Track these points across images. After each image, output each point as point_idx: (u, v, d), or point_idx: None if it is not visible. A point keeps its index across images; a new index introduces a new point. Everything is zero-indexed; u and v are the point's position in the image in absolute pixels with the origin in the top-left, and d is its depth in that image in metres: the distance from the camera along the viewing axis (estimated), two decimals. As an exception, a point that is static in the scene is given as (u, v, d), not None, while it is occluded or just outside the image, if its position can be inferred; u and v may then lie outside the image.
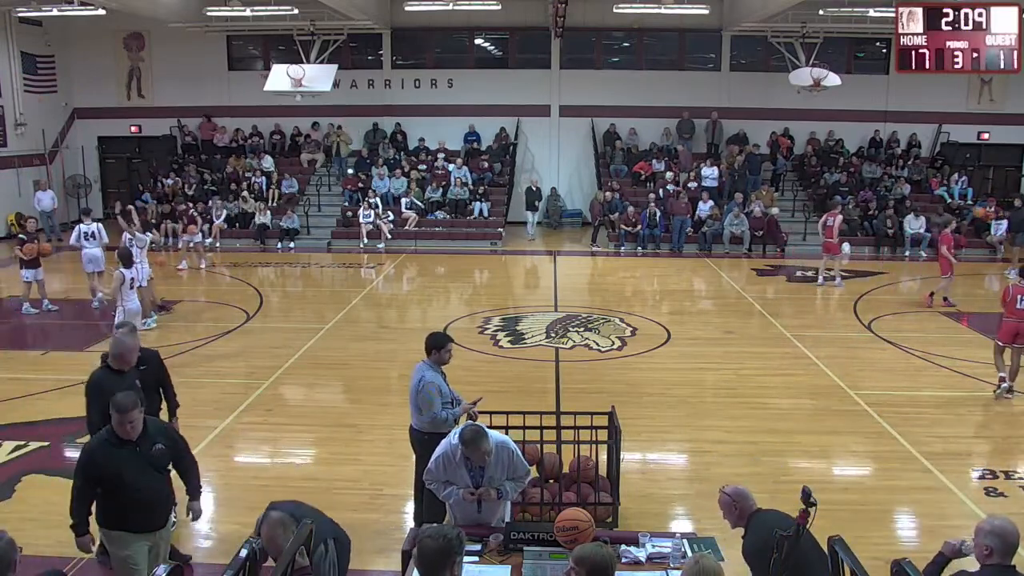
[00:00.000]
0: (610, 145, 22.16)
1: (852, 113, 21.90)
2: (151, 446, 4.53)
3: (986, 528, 3.61)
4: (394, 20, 22.06)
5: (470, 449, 4.57)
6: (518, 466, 4.80)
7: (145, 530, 4.57)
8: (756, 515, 4.18)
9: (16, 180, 20.59)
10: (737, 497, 4.22)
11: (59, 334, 11.92)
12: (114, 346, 5.48)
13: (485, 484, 4.69)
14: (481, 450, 4.56)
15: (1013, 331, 8.97)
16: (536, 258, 19.30)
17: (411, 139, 22.58)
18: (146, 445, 4.52)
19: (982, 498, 6.69)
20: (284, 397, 9.38)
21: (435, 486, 4.77)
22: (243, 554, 3.67)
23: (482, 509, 4.75)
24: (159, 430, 4.72)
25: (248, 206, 19.92)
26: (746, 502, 4.22)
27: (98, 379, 5.35)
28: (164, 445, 4.61)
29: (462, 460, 4.68)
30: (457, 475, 4.71)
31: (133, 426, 4.42)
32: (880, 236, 19.16)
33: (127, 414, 4.37)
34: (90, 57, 22.52)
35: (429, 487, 4.83)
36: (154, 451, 4.54)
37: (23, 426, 8.18)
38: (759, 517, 4.16)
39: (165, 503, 4.71)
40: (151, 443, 4.54)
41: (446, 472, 4.72)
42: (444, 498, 4.77)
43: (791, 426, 8.31)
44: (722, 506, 4.30)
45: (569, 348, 11.12)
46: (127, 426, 4.41)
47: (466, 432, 4.62)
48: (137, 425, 4.44)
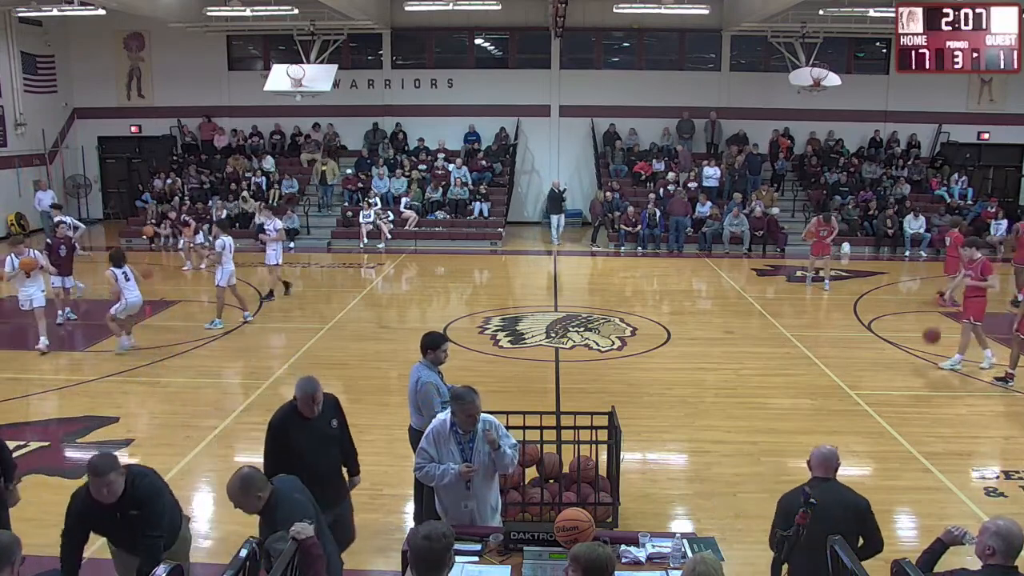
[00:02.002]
0: (610, 145, 22.17)
1: (852, 113, 21.91)
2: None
3: (991, 528, 3.62)
4: (394, 20, 22.06)
5: (461, 404, 4.55)
6: (504, 439, 4.74)
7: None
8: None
9: (16, 180, 20.60)
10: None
11: (59, 334, 11.90)
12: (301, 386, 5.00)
13: (476, 460, 4.61)
14: (473, 406, 4.55)
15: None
16: (536, 258, 19.30)
17: (411, 139, 22.58)
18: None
19: (982, 498, 6.69)
20: (284, 397, 9.32)
21: (428, 468, 4.65)
22: (243, 554, 3.67)
23: (471, 489, 4.66)
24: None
25: (248, 206, 19.92)
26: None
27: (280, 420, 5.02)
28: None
29: (452, 434, 4.65)
30: (447, 451, 4.65)
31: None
32: (880, 236, 19.16)
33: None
34: (90, 57, 22.55)
35: (420, 473, 4.72)
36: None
37: (23, 426, 8.17)
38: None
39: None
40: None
41: (436, 447, 4.67)
42: (437, 480, 4.64)
43: (791, 426, 8.31)
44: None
45: (569, 348, 11.12)
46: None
47: (458, 388, 4.68)
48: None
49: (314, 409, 4.91)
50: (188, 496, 6.61)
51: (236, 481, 4.09)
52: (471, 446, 4.66)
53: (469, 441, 4.66)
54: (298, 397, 4.91)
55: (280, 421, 4.95)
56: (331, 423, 5.05)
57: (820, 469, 4.51)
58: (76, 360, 10.58)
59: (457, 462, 4.63)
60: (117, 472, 4.15)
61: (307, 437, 4.89)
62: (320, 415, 4.95)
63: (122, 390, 9.27)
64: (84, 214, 23.02)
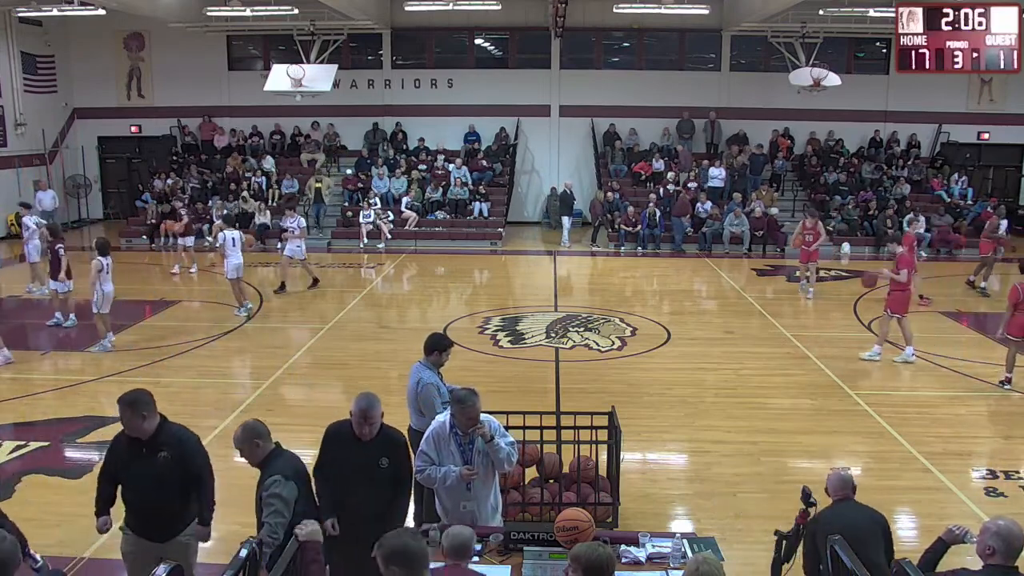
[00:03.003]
0: (610, 145, 22.16)
1: (852, 113, 21.91)
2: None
3: (992, 529, 3.63)
4: (394, 20, 22.06)
5: (462, 407, 4.52)
6: (502, 436, 4.72)
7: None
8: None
9: (16, 180, 20.58)
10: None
11: (59, 334, 11.90)
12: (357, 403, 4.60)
13: (476, 461, 4.60)
14: (474, 408, 4.52)
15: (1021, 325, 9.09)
16: (536, 258, 19.30)
17: (411, 139, 22.57)
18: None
19: (982, 498, 6.70)
20: (284, 397, 9.39)
21: (428, 471, 4.65)
22: (243, 554, 3.67)
23: (471, 490, 4.67)
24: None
25: (248, 206, 19.91)
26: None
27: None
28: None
29: (452, 436, 4.64)
30: (447, 453, 4.65)
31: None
32: (880, 236, 19.14)
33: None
34: (90, 57, 22.54)
35: (421, 476, 4.71)
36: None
37: (23, 426, 8.17)
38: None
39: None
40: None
41: (437, 449, 4.66)
42: (439, 483, 4.66)
43: (791, 426, 8.31)
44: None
45: (569, 348, 11.12)
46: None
47: (459, 391, 4.65)
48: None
49: (366, 430, 4.49)
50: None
51: (240, 426, 4.38)
52: (471, 448, 4.65)
53: (469, 443, 4.66)
54: (352, 413, 4.53)
55: (334, 430, 4.67)
56: (381, 460, 4.54)
57: (840, 491, 4.50)
58: (76, 360, 10.58)
59: (458, 464, 4.62)
60: (130, 408, 4.34)
61: (352, 460, 4.52)
62: (374, 443, 4.52)
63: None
64: (84, 214, 23.07)
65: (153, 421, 4.41)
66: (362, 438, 4.49)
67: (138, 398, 4.37)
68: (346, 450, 4.52)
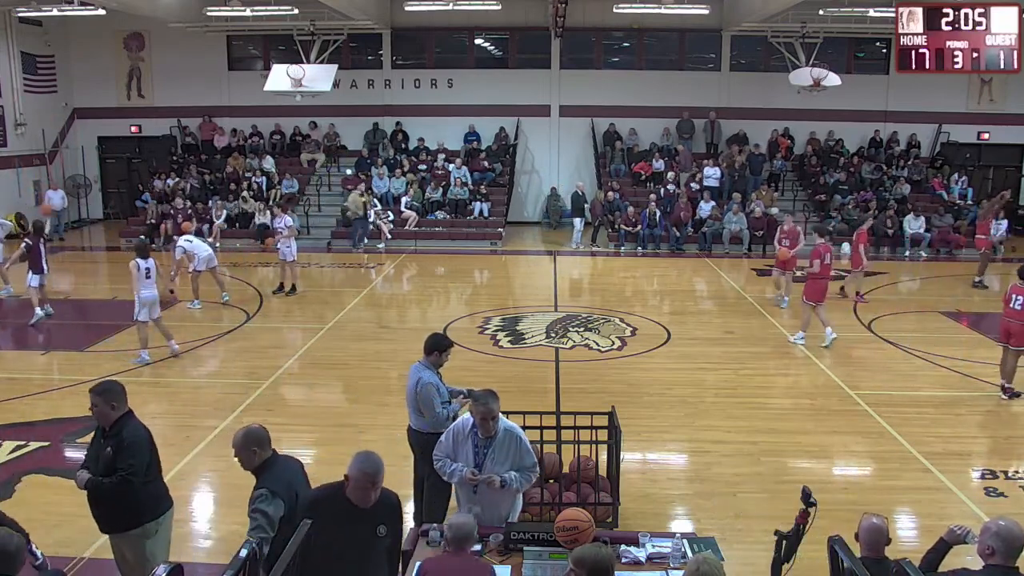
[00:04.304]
0: (610, 145, 22.16)
1: (852, 113, 21.90)
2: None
3: (992, 529, 3.64)
4: (394, 20, 22.06)
5: (478, 406, 4.62)
6: (524, 456, 4.74)
7: None
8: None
9: (16, 180, 20.58)
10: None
11: (59, 334, 11.91)
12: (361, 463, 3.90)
13: (488, 467, 4.65)
14: (486, 408, 4.59)
15: (1004, 330, 9.07)
16: (536, 258, 19.30)
17: (411, 139, 22.57)
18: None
19: (982, 498, 6.70)
20: (284, 397, 9.39)
21: (443, 463, 4.78)
22: (243, 554, 3.66)
23: (478, 494, 4.70)
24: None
25: (248, 206, 19.92)
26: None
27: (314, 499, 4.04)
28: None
29: (471, 434, 4.71)
30: (462, 450, 4.72)
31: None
32: (880, 236, 19.15)
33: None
34: (90, 57, 22.52)
35: (437, 465, 4.83)
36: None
37: (23, 426, 8.17)
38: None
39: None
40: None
41: (453, 445, 4.76)
42: (448, 477, 4.77)
43: (791, 426, 8.31)
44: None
45: (569, 348, 11.12)
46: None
47: (477, 390, 4.76)
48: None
49: (371, 496, 3.85)
50: (188, 496, 6.62)
51: (243, 430, 4.29)
52: (486, 452, 4.68)
53: (485, 447, 4.69)
54: (351, 476, 3.83)
55: (324, 498, 3.93)
56: (379, 528, 3.92)
57: (871, 549, 4.05)
58: (76, 360, 10.58)
59: (469, 464, 4.69)
60: (101, 397, 4.44)
61: (347, 534, 3.83)
62: (372, 510, 3.88)
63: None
64: (84, 214, 23.07)
65: (119, 413, 4.53)
66: (361, 505, 3.85)
67: (110, 388, 4.54)
68: (339, 521, 3.84)
